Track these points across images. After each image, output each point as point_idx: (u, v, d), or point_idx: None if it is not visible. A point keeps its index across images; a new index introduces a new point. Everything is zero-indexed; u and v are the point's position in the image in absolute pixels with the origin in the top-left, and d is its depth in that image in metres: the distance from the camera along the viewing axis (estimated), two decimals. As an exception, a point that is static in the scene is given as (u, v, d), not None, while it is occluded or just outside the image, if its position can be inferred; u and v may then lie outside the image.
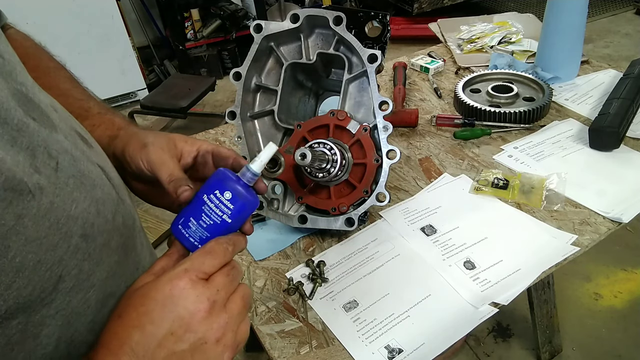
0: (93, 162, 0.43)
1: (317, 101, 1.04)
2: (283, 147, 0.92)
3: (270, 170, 0.84)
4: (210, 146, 0.55)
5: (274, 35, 0.89)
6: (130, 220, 0.47)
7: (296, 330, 0.75)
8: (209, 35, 3.50)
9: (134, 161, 0.52)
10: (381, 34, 0.93)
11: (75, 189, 0.39)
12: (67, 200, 0.38)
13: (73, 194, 0.38)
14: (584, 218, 0.89)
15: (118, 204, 0.45)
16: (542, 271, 0.79)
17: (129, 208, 0.47)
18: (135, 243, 0.48)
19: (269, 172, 0.83)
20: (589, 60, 1.35)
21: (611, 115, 1.04)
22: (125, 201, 0.47)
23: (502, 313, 1.62)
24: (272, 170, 0.84)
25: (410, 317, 0.75)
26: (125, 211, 0.46)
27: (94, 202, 0.41)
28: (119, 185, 0.47)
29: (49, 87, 0.54)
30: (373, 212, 0.94)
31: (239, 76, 0.91)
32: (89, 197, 0.40)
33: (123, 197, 0.47)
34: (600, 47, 3.46)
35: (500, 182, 0.97)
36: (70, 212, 0.38)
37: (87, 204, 0.40)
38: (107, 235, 0.42)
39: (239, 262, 0.87)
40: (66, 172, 0.38)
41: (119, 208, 0.45)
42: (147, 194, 0.57)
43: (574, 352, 1.63)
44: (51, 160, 0.37)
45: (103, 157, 0.48)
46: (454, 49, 1.49)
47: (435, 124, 1.17)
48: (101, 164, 0.45)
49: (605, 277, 1.86)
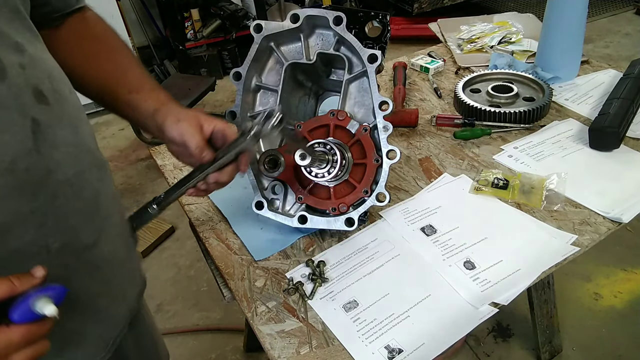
0: (26, 115, 0.50)
1: (317, 101, 1.04)
2: (283, 147, 0.92)
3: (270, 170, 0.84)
4: (223, 125, 0.73)
5: (274, 35, 0.89)
6: (40, 170, 0.51)
7: (296, 330, 0.75)
8: (209, 35, 3.50)
9: (171, 131, 0.70)
10: (381, 34, 0.93)
11: None
12: None
13: None
14: (584, 218, 0.89)
15: (29, 153, 0.50)
16: (542, 271, 0.79)
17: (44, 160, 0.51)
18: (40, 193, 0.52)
19: (269, 172, 0.83)
20: (589, 60, 1.35)
21: (611, 115, 1.04)
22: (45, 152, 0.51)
23: (502, 313, 1.62)
24: (272, 170, 0.84)
25: (410, 317, 0.75)
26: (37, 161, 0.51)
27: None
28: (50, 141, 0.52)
29: (113, 61, 0.74)
30: (373, 212, 0.94)
31: (239, 76, 0.91)
32: None
33: (42, 149, 0.51)
34: (600, 47, 3.46)
35: (500, 182, 0.97)
36: None
37: None
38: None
39: (240, 261, 0.87)
40: None
41: (28, 157, 0.50)
42: (179, 153, 0.74)
43: (574, 352, 1.63)
44: None
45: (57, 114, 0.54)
46: (454, 49, 1.49)
47: (435, 124, 1.17)
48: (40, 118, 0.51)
49: (605, 277, 1.86)
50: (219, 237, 0.93)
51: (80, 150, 0.58)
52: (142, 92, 0.72)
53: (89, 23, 0.75)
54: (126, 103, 0.72)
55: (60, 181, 0.54)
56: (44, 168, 0.52)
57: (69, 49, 0.70)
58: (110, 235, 0.64)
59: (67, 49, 0.70)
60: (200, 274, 2.07)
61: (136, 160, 2.84)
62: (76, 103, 0.60)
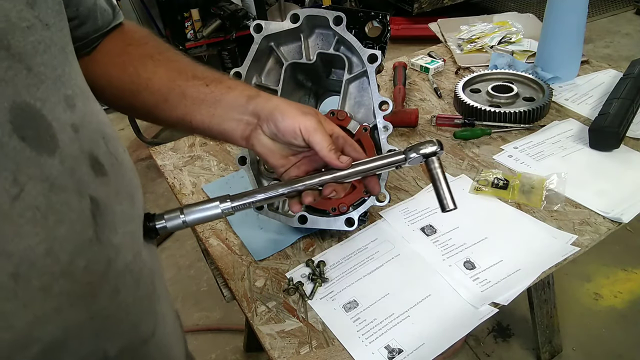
0: (84, 194, 0.39)
1: (317, 101, 1.04)
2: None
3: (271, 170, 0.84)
4: (342, 132, 0.63)
5: (274, 35, 0.89)
6: (100, 263, 0.41)
7: (296, 330, 0.75)
8: (209, 35, 3.50)
9: (289, 125, 0.58)
10: (381, 34, 0.93)
11: (28, 222, 0.35)
12: (8, 234, 0.34)
13: (22, 228, 0.35)
14: (584, 218, 0.89)
15: (89, 245, 0.40)
16: (542, 271, 0.79)
17: (106, 248, 0.41)
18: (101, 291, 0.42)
19: (269, 172, 0.83)
20: (589, 60, 1.35)
21: (611, 115, 1.04)
22: (105, 240, 0.41)
23: (502, 313, 1.62)
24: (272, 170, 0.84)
25: (410, 317, 0.75)
26: (98, 252, 0.41)
27: (48, 240, 0.36)
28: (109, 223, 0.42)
29: (175, 60, 0.62)
30: (373, 212, 0.94)
31: (239, 76, 0.91)
32: (43, 233, 0.36)
33: (102, 236, 0.41)
34: (600, 47, 3.46)
35: (500, 182, 0.97)
36: (6, 247, 0.34)
37: (36, 241, 0.35)
38: (50, 279, 0.37)
39: (240, 261, 0.87)
40: (27, 203, 0.35)
41: (88, 249, 0.40)
42: (270, 149, 0.61)
43: (574, 352, 1.63)
44: (14, 188, 0.34)
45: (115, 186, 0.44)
46: (454, 49, 1.49)
47: (435, 124, 1.17)
48: (99, 195, 0.41)
49: (605, 277, 1.86)
50: (219, 237, 0.93)
51: (137, 224, 0.48)
52: (225, 82, 0.61)
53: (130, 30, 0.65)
54: (201, 99, 0.59)
55: (120, 271, 0.44)
56: (104, 260, 0.42)
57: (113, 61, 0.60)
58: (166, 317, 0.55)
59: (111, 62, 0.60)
60: (200, 274, 2.07)
61: (136, 160, 2.84)
62: (130, 164, 0.49)
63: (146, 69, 0.60)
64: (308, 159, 0.64)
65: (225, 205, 0.57)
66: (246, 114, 0.60)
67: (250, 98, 0.59)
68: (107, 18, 0.60)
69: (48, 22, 0.39)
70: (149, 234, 0.53)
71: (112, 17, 0.61)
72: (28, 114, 0.35)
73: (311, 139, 0.58)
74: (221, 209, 0.57)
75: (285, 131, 0.58)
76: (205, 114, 0.60)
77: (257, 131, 0.60)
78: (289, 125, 0.58)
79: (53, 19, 0.40)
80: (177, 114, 0.60)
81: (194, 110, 0.60)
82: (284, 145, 0.61)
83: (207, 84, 0.60)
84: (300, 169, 0.63)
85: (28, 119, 0.36)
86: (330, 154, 0.58)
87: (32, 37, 0.37)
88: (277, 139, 0.60)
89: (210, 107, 0.59)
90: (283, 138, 0.59)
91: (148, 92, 0.59)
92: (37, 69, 0.37)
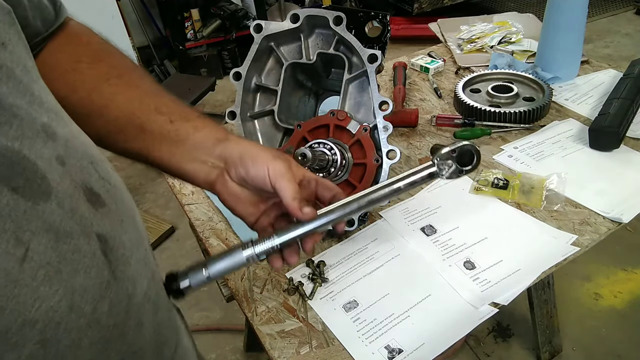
0: (90, 234, 0.36)
1: (317, 101, 1.04)
2: (283, 147, 0.92)
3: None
4: (314, 175, 0.59)
5: (274, 35, 0.89)
6: (122, 301, 0.38)
7: (296, 330, 0.75)
8: (209, 35, 3.50)
9: (260, 170, 0.53)
10: (381, 34, 0.93)
11: (44, 282, 0.31)
12: (27, 301, 0.30)
13: (39, 290, 0.31)
14: (584, 218, 0.89)
15: (107, 286, 0.36)
16: (542, 271, 0.79)
17: (123, 284, 0.38)
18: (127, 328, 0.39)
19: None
20: (589, 60, 1.35)
21: (611, 115, 1.04)
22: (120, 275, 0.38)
23: (502, 313, 1.62)
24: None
25: (410, 317, 0.75)
26: (117, 291, 0.37)
27: (69, 294, 0.33)
28: (121, 257, 0.39)
29: (137, 86, 0.55)
30: (373, 212, 0.94)
31: (239, 76, 0.91)
32: (62, 289, 0.32)
33: (118, 272, 0.38)
34: (600, 47, 3.46)
35: (500, 182, 0.97)
36: (29, 316, 0.30)
37: (57, 299, 0.32)
38: (79, 333, 0.34)
39: (239, 262, 0.87)
40: (37, 261, 0.31)
41: (107, 291, 0.36)
42: (238, 196, 0.57)
43: (574, 352, 1.63)
44: (18, 248, 0.30)
45: (117, 215, 0.40)
46: (454, 49, 1.49)
47: (435, 124, 1.17)
48: (104, 230, 0.37)
49: (605, 277, 1.86)
50: (219, 237, 0.93)
51: (145, 246, 0.44)
52: (192, 120, 0.55)
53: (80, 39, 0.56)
54: (163, 135, 0.54)
55: (140, 303, 0.40)
56: (124, 296, 0.38)
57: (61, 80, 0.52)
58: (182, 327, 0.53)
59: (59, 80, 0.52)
60: (200, 274, 2.07)
61: (136, 160, 2.84)
62: (120, 182, 0.44)
63: (101, 95, 0.53)
64: (277, 205, 0.59)
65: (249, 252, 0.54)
66: (212, 157, 0.55)
67: (218, 141, 0.55)
68: (49, 17, 0.52)
69: (4, 39, 0.34)
70: (175, 296, 0.51)
71: (54, 16, 0.53)
72: (9, 159, 0.31)
73: (277, 184, 0.53)
74: (246, 257, 0.54)
75: (255, 176, 0.54)
76: (166, 151, 0.55)
77: (224, 176, 0.56)
78: (260, 170, 0.53)
79: (7, 35, 0.34)
80: (133, 146, 0.55)
81: (153, 146, 0.54)
82: (253, 192, 0.57)
83: (172, 120, 0.54)
84: (270, 216, 0.59)
85: (12, 165, 0.31)
86: (294, 203, 0.53)
87: None
88: (245, 184, 0.56)
89: (172, 145, 0.54)
90: (252, 183, 0.55)
91: (102, 119, 0.53)
92: (5, 101, 0.32)
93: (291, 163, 0.56)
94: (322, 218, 0.55)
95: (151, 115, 0.54)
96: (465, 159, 0.55)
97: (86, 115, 0.52)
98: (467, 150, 0.55)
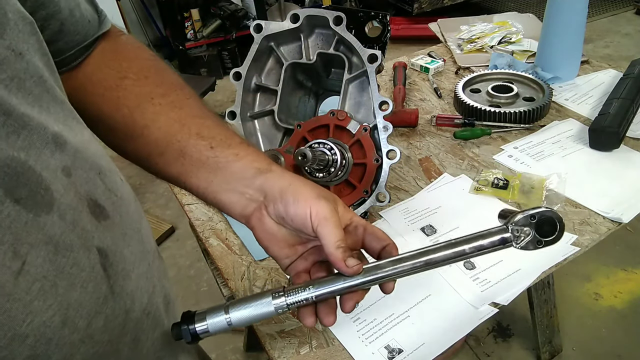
0: (91, 247, 0.35)
1: (317, 101, 1.04)
2: (283, 147, 0.92)
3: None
4: (363, 221, 0.52)
5: (274, 35, 0.89)
6: (118, 317, 0.37)
7: (296, 330, 0.75)
8: (209, 35, 3.50)
9: (301, 210, 0.47)
10: (381, 34, 0.93)
11: (38, 296, 0.31)
12: (18, 315, 0.30)
13: (32, 305, 0.30)
14: (584, 218, 0.89)
15: (104, 301, 0.36)
16: (542, 271, 0.79)
17: (121, 299, 0.38)
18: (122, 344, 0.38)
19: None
20: (589, 60, 1.35)
21: (611, 115, 1.04)
22: (119, 290, 0.37)
23: (502, 313, 1.62)
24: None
25: (410, 317, 0.75)
26: (114, 306, 0.37)
27: (63, 308, 0.32)
28: (121, 271, 0.38)
29: (180, 107, 0.52)
30: (373, 212, 0.94)
31: (239, 76, 0.91)
32: (56, 303, 0.32)
33: (116, 287, 0.37)
34: (600, 47, 3.46)
35: (500, 182, 0.97)
36: (19, 330, 0.30)
37: (50, 314, 0.31)
38: (71, 349, 0.33)
39: (240, 261, 0.87)
40: (32, 275, 0.31)
41: (103, 306, 0.36)
42: (274, 235, 0.51)
43: (574, 352, 1.63)
44: (15, 261, 0.30)
45: (120, 228, 0.39)
46: (454, 49, 1.49)
47: (435, 124, 1.17)
48: (105, 244, 0.37)
49: (605, 277, 1.86)
50: (219, 237, 0.93)
51: (148, 260, 0.43)
52: (234, 147, 0.51)
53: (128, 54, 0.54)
54: (201, 162, 0.51)
55: (138, 318, 0.40)
56: (121, 312, 0.38)
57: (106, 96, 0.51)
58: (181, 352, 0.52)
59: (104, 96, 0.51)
60: (200, 274, 2.07)
61: (136, 160, 2.84)
62: (129, 193, 0.44)
63: (143, 115, 0.51)
64: (317, 250, 0.53)
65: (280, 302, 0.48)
66: (251, 189, 0.51)
67: (259, 171, 0.51)
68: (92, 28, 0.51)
69: (22, 49, 0.34)
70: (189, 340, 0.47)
71: (97, 25, 0.52)
72: (14, 169, 0.30)
73: (319, 228, 0.47)
74: (275, 307, 0.47)
75: (295, 216, 0.48)
76: (203, 179, 0.51)
77: (261, 211, 0.51)
78: (301, 209, 0.47)
79: (26, 44, 0.34)
80: (172, 171, 0.52)
81: (191, 172, 0.51)
82: (292, 232, 0.51)
83: (213, 146, 0.51)
84: (308, 260, 0.53)
85: (16, 176, 0.30)
86: (337, 252, 0.46)
87: (4, 74, 0.32)
88: (284, 223, 0.50)
89: (210, 173, 0.51)
90: (292, 224, 0.49)
91: (143, 140, 0.51)
92: (16, 111, 0.31)
93: (337, 204, 0.50)
94: (369, 275, 0.48)
95: (191, 139, 0.51)
96: (545, 229, 0.48)
97: (129, 135, 0.51)
98: (549, 218, 0.47)
